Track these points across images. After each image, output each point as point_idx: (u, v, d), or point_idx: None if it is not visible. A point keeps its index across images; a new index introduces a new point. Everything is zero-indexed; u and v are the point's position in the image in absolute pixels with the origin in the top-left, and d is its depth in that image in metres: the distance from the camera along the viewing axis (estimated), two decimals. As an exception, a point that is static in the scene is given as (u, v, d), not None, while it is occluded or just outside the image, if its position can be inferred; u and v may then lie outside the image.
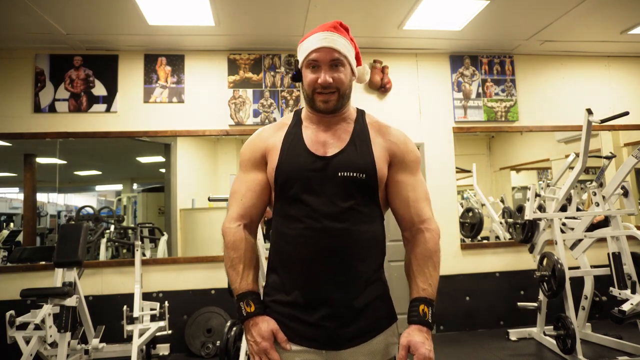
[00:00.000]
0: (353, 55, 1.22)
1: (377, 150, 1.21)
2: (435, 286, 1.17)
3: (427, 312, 1.13)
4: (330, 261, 1.12)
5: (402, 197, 1.22)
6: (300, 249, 1.14)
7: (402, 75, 4.49)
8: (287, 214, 1.18)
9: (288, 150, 1.20)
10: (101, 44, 4.05)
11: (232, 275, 1.18)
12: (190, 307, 3.88)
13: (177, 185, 4.38)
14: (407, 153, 1.24)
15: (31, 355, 2.83)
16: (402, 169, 1.23)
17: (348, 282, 1.13)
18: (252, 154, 1.25)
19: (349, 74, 1.20)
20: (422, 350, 1.08)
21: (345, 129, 1.23)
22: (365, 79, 1.21)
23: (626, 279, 3.22)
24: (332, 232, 1.12)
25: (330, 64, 1.16)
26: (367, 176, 1.16)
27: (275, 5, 3.49)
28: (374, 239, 1.19)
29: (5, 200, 6.26)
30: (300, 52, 1.21)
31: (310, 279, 1.13)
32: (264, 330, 1.12)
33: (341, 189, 1.15)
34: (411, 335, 1.10)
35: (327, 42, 1.16)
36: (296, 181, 1.16)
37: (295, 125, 1.26)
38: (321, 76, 1.15)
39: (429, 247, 1.20)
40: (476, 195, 4.94)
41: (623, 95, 4.79)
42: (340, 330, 1.12)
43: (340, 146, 1.19)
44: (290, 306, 1.15)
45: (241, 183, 1.24)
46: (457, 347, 3.79)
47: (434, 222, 1.24)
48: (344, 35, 1.19)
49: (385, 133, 1.25)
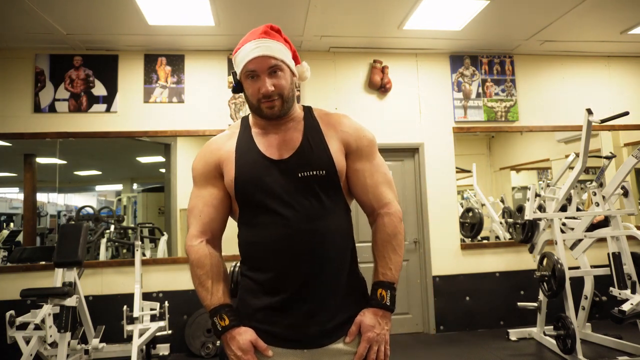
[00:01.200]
0: (290, 57, 1.21)
1: (332, 143, 1.20)
2: (397, 269, 1.19)
3: (385, 295, 1.16)
4: (302, 262, 1.12)
5: (361, 184, 1.23)
6: (271, 254, 1.14)
7: (402, 75, 4.49)
8: (253, 222, 1.18)
9: (243, 158, 1.19)
10: (101, 44, 4.05)
11: (201, 292, 1.17)
12: (190, 307, 3.88)
13: (177, 185, 4.38)
14: (360, 139, 1.24)
15: (31, 355, 2.84)
16: (358, 156, 1.23)
17: (322, 280, 1.14)
18: (205, 168, 1.23)
19: (289, 76, 1.19)
20: (369, 333, 1.13)
21: (295, 129, 1.22)
22: (306, 77, 1.21)
23: (626, 279, 3.22)
24: (300, 233, 1.12)
25: (268, 71, 1.15)
26: (327, 172, 1.16)
27: (275, 5, 3.49)
28: (342, 233, 1.20)
29: (5, 200, 6.25)
30: (236, 63, 1.20)
31: (284, 281, 1.13)
32: (242, 342, 1.11)
33: (303, 189, 1.15)
34: (364, 317, 1.15)
35: (262, 51, 1.14)
36: (257, 189, 1.15)
37: (244, 132, 1.25)
38: (262, 86, 1.14)
39: (387, 231, 1.20)
40: (476, 195, 4.94)
41: (623, 95, 4.79)
42: (318, 327, 1.13)
43: (295, 146, 1.19)
44: (267, 310, 1.14)
45: (197, 199, 1.23)
46: (457, 347, 3.79)
47: (394, 205, 1.23)
48: (276, 39, 1.18)
49: (336, 124, 1.24)
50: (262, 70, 1.15)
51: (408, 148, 4.45)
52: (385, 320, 1.16)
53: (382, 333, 1.15)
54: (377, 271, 1.19)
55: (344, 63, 4.43)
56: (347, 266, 1.20)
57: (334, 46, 4.33)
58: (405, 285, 4.32)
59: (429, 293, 4.28)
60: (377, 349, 1.14)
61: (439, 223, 4.37)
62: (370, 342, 1.13)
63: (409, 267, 4.36)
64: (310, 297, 1.13)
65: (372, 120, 4.34)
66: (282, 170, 1.16)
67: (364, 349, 1.13)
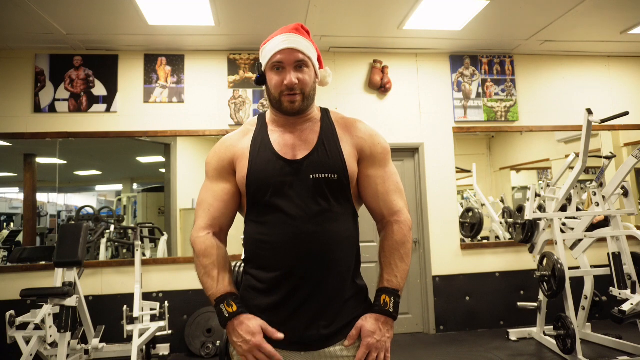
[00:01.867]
0: (316, 57, 1.22)
1: (346, 147, 1.21)
2: (403, 277, 1.20)
3: (389, 301, 1.16)
4: (307, 263, 1.13)
5: (372, 191, 1.23)
6: (277, 253, 1.14)
7: (402, 75, 4.49)
8: (262, 221, 1.18)
9: (257, 156, 1.19)
10: (101, 44, 4.05)
11: (207, 282, 1.16)
12: (190, 307, 3.88)
13: (177, 185, 4.38)
14: (374, 146, 1.24)
15: (31, 355, 2.83)
16: (371, 163, 1.23)
17: (326, 283, 1.14)
18: (219, 163, 1.24)
19: (312, 75, 1.20)
20: (369, 339, 1.12)
21: (312, 130, 1.23)
22: (327, 82, 1.23)
23: (626, 279, 3.22)
24: (308, 235, 1.12)
25: (294, 65, 1.16)
26: (339, 176, 1.17)
27: (275, 5, 3.49)
28: (349, 238, 1.20)
29: (5, 200, 6.25)
30: (263, 54, 1.21)
31: (288, 281, 1.13)
32: (253, 326, 1.10)
33: (314, 192, 1.15)
34: (366, 322, 1.15)
35: (290, 44, 1.16)
36: (269, 187, 1.15)
37: (261, 129, 1.25)
38: (287, 77, 1.15)
39: (396, 239, 1.21)
40: (476, 195, 4.94)
41: (623, 95, 4.79)
42: (318, 330, 1.13)
43: (309, 148, 1.19)
44: (269, 310, 1.14)
45: (208, 193, 1.24)
46: (457, 347, 3.79)
47: (405, 213, 1.24)
48: (306, 37, 1.20)
49: (351, 129, 1.25)
50: (288, 63, 1.16)
51: (408, 148, 4.45)
52: (387, 327, 1.15)
53: (383, 340, 1.14)
54: (383, 277, 1.19)
55: (344, 63, 4.43)
56: (351, 271, 1.19)
57: (334, 46, 4.33)
58: (406, 285, 4.26)
59: (429, 293, 4.28)
60: (377, 357, 1.13)
61: (439, 223, 4.37)
62: (370, 348, 1.12)
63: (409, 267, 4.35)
64: (313, 299, 1.13)
65: (372, 120, 4.34)
66: (295, 170, 1.16)
67: (362, 354, 1.12)
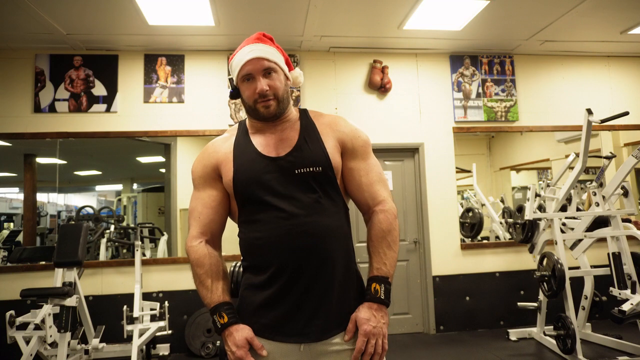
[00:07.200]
0: (283, 62, 1.26)
1: (328, 141, 1.24)
2: (392, 265, 1.22)
3: (380, 289, 1.18)
4: (302, 256, 1.15)
5: (356, 183, 1.26)
6: (271, 249, 1.16)
7: (402, 75, 4.49)
8: (253, 219, 1.20)
9: (241, 158, 1.23)
10: (101, 44, 4.05)
11: (202, 291, 1.21)
12: (190, 307, 3.88)
13: (177, 185, 4.39)
14: (355, 139, 1.28)
15: (31, 355, 2.83)
16: (353, 156, 1.27)
17: (321, 275, 1.16)
18: (204, 170, 1.27)
19: (282, 79, 1.24)
20: (364, 326, 1.15)
21: (292, 128, 1.27)
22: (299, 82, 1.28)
23: (626, 279, 3.22)
24: (301, 228, 1.15)
25: (263, 73, 1.20)
26: (323, 168, 1.20)
27: (275, 5, 3.49)
28: (341, 229, 1.22)
29: (5, 200, 6.25)
30: (232, 69, 1.26)
31: (284, 275, 1.15)
32: (238, 339, 1.14)
33: (301, 186, 1.18)
34: (359, 312, 1.17)
35: (256, 53, 1.20)
36: (256, 186, 1.18)
37: (242, 134, 1.29)
38: (257, 85, 1.19)
39: (382, 227, 1.23)
40: (476, 195, 4.94)
41: (623, 95, 4.79)
42: (317, 322, 1.15)
43: (292, 145, 1.23)
44: (267, 304, 1.17)
45: (197, 201, 1.27)
46: (457, 347, 3.79)
47: (389, 202, 1.27)
48: (269, 44, 1.25)
49: (332, 124, 1.29)
50: (257, 72, 1.20)
51: (408, 148, 4.45)
52: (380, 313, 1.17)
53: (379, 326, 1.16)
54: (372, 266, 1.22)
55: (344, 63, 4.43)
56: (345, 262, 1.21)
57: (334, 46, 4.33)
58: (405, 285, 4.32)
59: (429, 293, 4.28)
60: (375, 342, 1.15)
61: (439, 223, 4.37)
62: (367, 335, 1.14)
63: (409, 267, 4.36)
64: (309, 291, 1.15)
65: (372, 120, 4.35)
66: (279, 167, 1.20)
67: (362, 343, 1.14)
